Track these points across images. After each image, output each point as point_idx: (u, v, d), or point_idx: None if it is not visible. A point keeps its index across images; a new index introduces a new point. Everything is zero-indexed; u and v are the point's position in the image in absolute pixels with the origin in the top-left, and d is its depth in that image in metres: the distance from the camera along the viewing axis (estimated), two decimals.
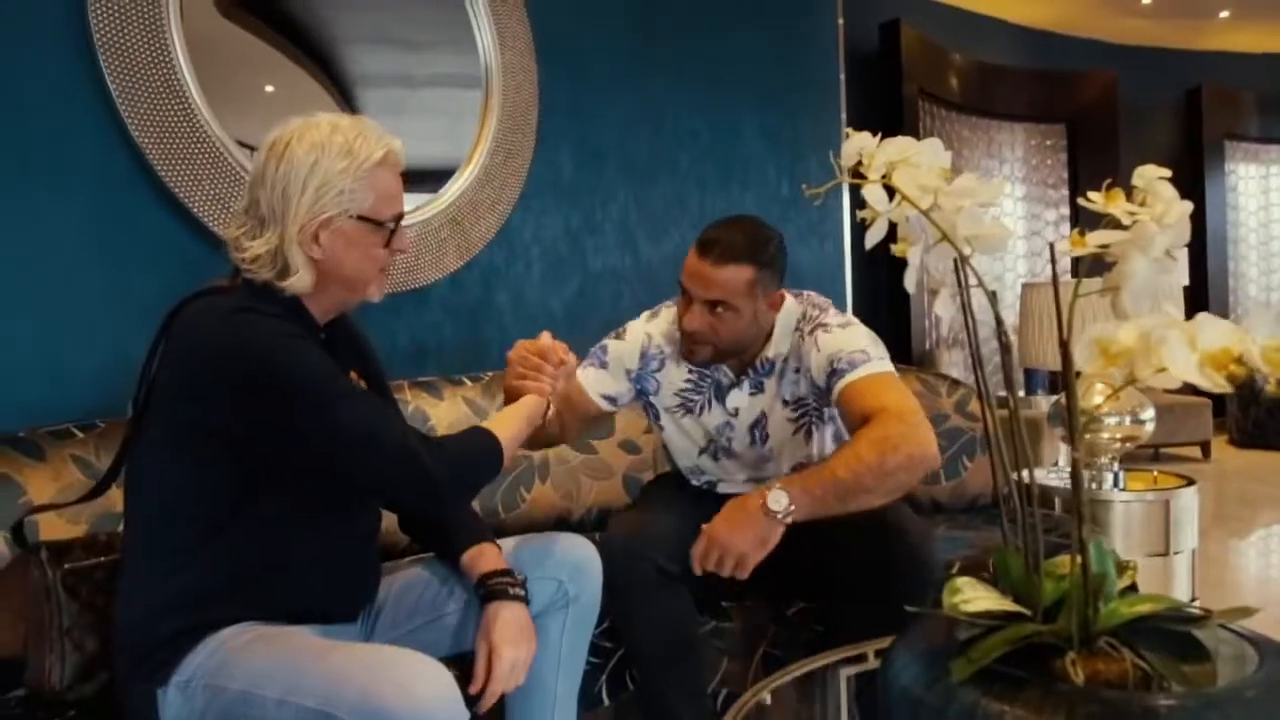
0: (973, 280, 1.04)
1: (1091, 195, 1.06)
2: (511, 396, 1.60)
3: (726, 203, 3.40)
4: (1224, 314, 7.54)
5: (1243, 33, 7.46)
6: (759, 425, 1.93)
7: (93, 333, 2.08)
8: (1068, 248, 1.05)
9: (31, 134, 2.03)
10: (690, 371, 1.96)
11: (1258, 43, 7.68)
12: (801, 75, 3.79)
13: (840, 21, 4.03)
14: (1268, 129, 7.86)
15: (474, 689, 1.42)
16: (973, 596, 0.96)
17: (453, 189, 2.66)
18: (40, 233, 2.04)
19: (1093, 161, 7.08)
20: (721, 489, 2.01)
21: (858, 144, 1.12)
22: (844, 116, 4.02)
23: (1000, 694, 0.89)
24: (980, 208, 0.98)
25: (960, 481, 2.44)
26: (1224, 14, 7.09)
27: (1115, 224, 1.02)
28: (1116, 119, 7.16)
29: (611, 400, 1.98)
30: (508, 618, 1.45)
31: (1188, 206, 1.07)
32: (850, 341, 1.82)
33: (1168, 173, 1.09)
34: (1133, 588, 1.05)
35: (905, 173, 1.00)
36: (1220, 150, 7.69)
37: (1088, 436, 2.58)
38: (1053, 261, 1.05)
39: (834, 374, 1.80)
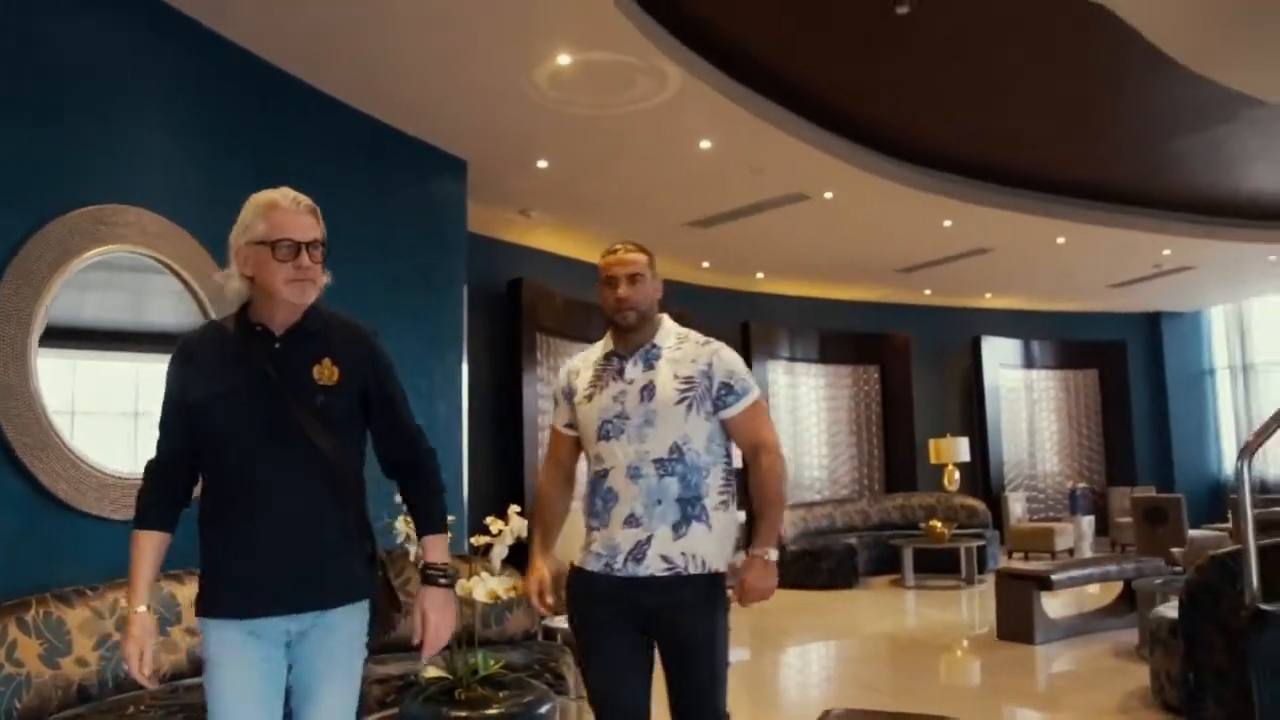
0: None
1: (489, 519, 2.86)
2: None
3: None
4: None
5: (774, 284, 10.47)
6: (648, 389, 2.44)
7: None
8: (479, 541, 2.84)
9: None
10: (597, 367, 2.53)
11: (785, 289, 10.75)
12: (437, 341, 5.61)
13: (464, 302, 5.95)
14: (794, 351, 10.91)
15: (416, 642, 2.05)
16: (433, 672, 2.67)
17: None
18: None
19: None
20: (610, 482, 2.43)
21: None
22: (465, 367, 5.90)
23: (437, 704, 2.59)
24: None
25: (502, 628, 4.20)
26: (760, 274, 10.02)
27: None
28: None
29: (570, 426, 2.56)
30: (437, 595, 2.05)
31: (523, 524, 2.89)
32: (742, 366, 2.52)
33: (516, 509, 2.92)
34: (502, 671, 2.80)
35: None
36: (765, 367, 10.55)
37: None
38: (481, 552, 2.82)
39: (730, 390, 2.45)
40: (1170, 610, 4.37)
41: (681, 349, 2.51)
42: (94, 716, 3.03)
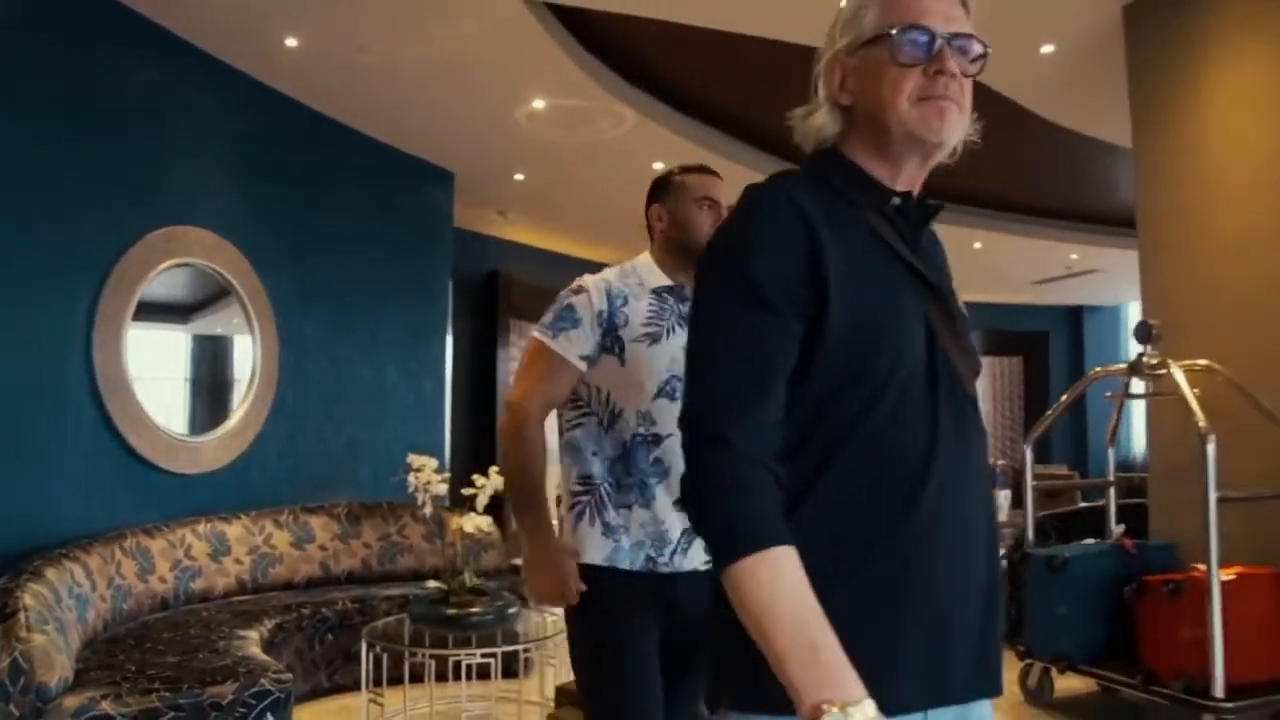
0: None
1: (475, 476, 3.94)
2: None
3: (375, 410, 6.07)
4: None
5: None
6: None
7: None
8: (467, 492, 3.92)
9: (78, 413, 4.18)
10: (652, 303, 2.06)
11: None
12: (425, 326, 6.64)
13: (450, 292, 6.98)
14: None
15: None
16: (433, 585, 3.74)
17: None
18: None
19: None
20: (661, 452, 1.99)
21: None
22: (450, 348, 6.93)
23: (437, 605, 3.67)
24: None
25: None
26: None
27: None
28: None
29: (587, 359, 2.03)
30: None
31: (499, 480, 3.98)
32: None
33: None
34: None
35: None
36: None
37: None
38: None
39: None
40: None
41: None
42: (176, 617, 4.08)
